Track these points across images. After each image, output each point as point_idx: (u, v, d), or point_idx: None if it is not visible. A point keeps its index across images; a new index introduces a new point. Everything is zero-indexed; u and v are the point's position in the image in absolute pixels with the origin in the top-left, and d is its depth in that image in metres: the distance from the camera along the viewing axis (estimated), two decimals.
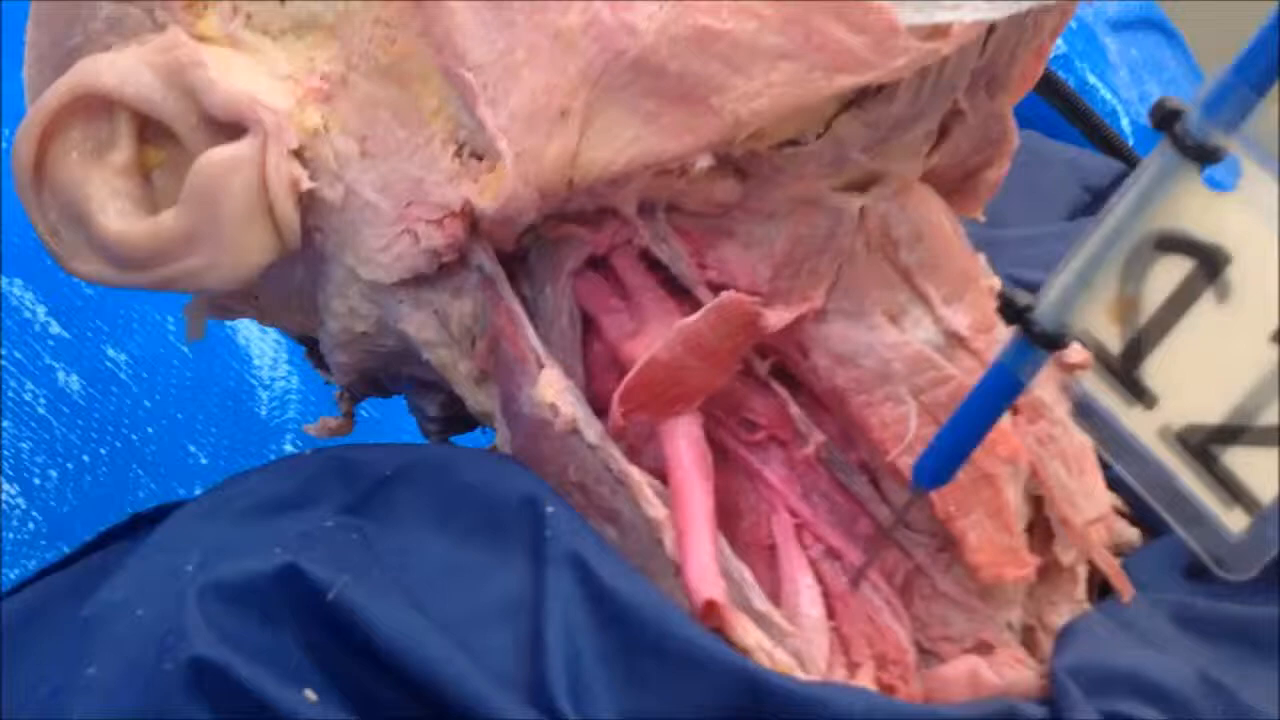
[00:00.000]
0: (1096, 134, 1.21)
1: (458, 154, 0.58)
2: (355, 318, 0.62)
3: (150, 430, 0.92)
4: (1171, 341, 0.50)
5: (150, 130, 0.60)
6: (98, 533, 0.65)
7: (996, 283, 0.61)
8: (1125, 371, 0.51)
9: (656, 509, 0.56)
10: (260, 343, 0.96)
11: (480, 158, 0.58)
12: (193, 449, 0.93)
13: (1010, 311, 0.52)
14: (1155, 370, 0.51)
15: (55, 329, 0.92)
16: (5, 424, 0.88)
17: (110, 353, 0.93)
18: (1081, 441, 0.61)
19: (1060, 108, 1.21)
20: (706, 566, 0.53)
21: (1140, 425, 0.51)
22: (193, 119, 0.59)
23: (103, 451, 0.90)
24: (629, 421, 0.57)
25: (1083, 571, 0.63)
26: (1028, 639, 0.62)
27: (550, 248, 0.61)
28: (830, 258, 0.59)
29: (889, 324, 0.59)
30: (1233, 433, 0.50)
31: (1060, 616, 0.62)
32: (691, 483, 0.56)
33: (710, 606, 0.53)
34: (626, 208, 0.58)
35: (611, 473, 0.57)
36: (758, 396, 0.61)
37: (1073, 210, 1.01)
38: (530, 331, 0.59)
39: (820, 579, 0.59)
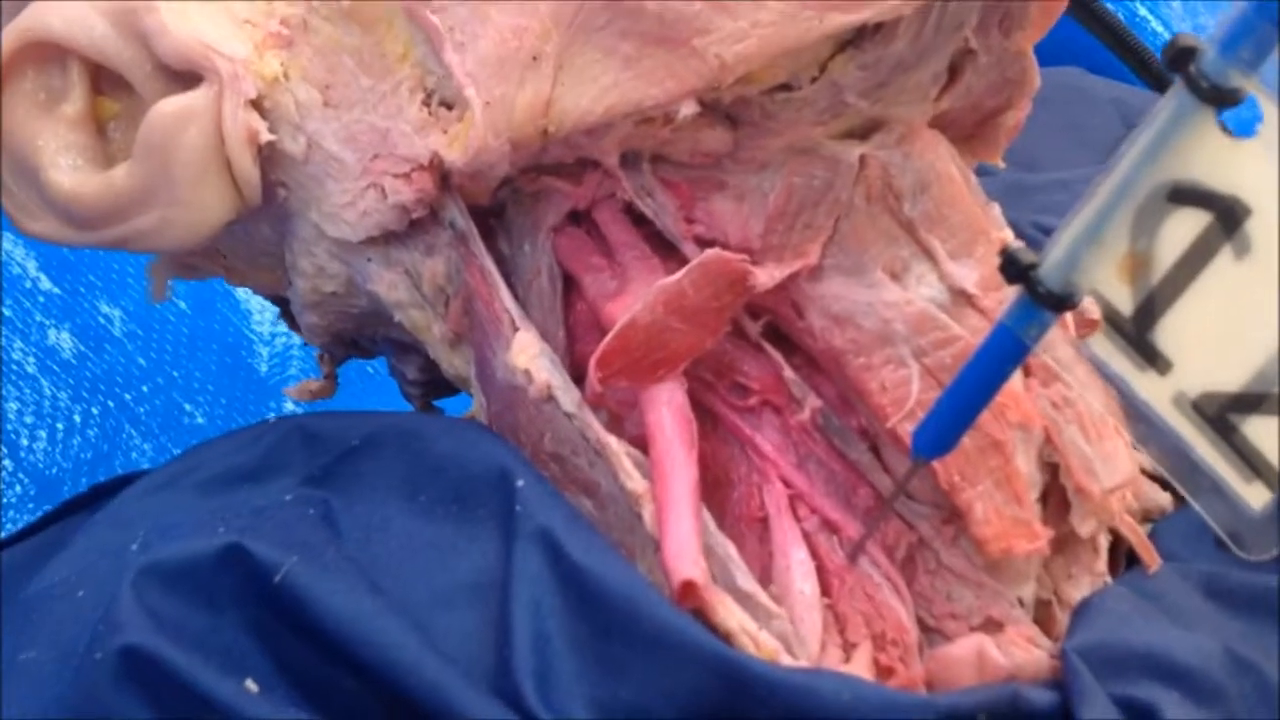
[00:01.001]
0: (1146, 70, 1.16)
1: (426, 102, 0.55)
2: (324, 277, 0.59)
3: (145, 389, 0.89)
4: (1186, 302, 0.47)
5: (105, 80, 0.58)
6: (59, 503, 0.63)
7: (1009, 235, 0.57)
8: (1137, 334, 0.47)
9: (635, 481, 0.53)
10: (260, 296, 0.93)
11: (450, 106, 0.55)
12: (189, 408, 0.90)
13: (1013, 269, 0.48)
14: (1169, 333, 0.47)
15: (46, 284, 0.90)
16: None
17: (104, 308, 0.90)
18: (1102, 404, 0.58)
19: (1107, 41, 1.17)
20: (686, 544, 0.50)
21: (1153, 392, 0.48)
22: (146, 67, 0.56)
23: (94, 411, 0.88)
24: (607, 388, 0.54)
25: (1104, 542, 0.59)
26: (1043, 614, 0.58)
27: (529, 202, 0.58)
28: (827, 210, 0.55)
29: (890, 281, 0.55)
30: (1253, 401, 0.46)
31: (1079, 590, 0.58)
32: (673, 453, 0.52)
33: (688, 587, 0.50)
34: (608, 159, 0.55)
35: (588, 442, 0.54)
36: (750, 359, 0.57)
37: None
38: (504, 292, 0.55)
39: (815, 553, 0.56)
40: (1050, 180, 0.82)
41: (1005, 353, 0.50)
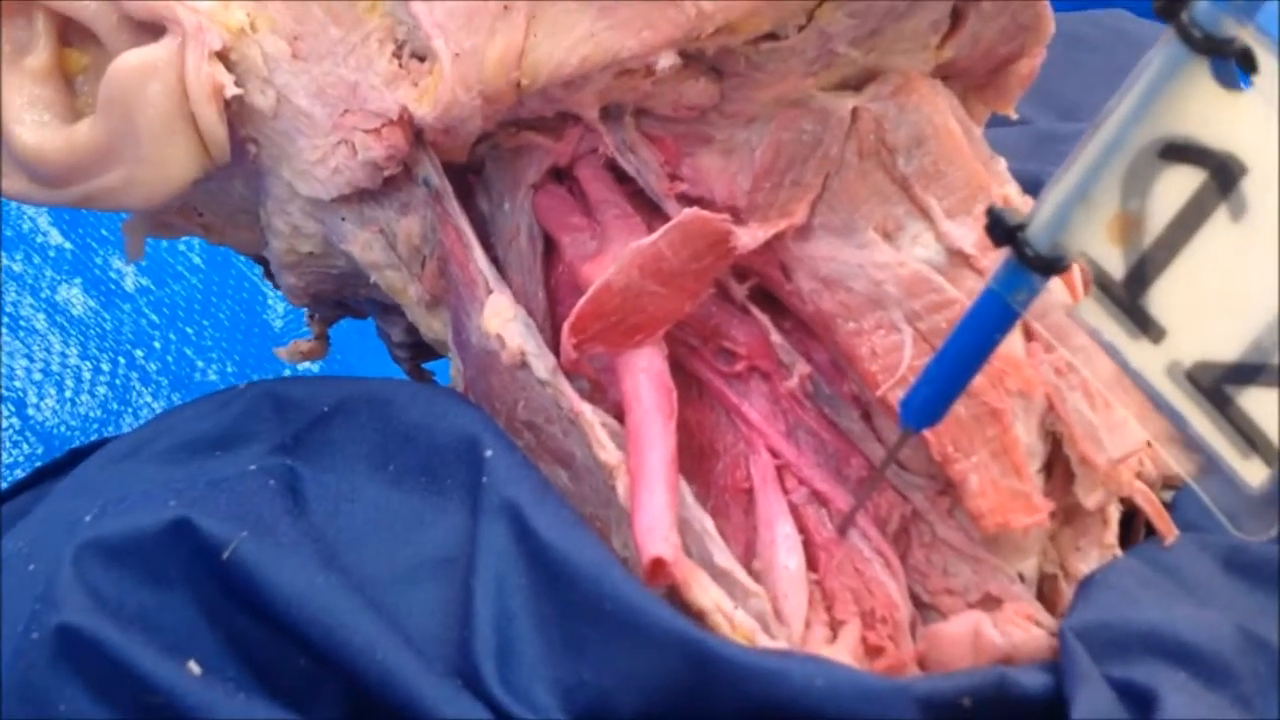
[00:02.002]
0: None
1: (396, 54, 0.53)
2: (299, 237, 0.57)
3: (156, 345, 0.88)
4: (1180, 266, 0.44)
5: (73, 32, 0.56)
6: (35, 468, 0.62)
7: (1013, 192, 0.55)
8: (1129, 299, 0.45)
9: (609, 452, 0.51)
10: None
11: (422, 59, 0.53)
12: (201, 365, 0.89)
13: (999, 230, 0.46)
14: (1162, 298, 0.44)
15: (56, 238, 0.88)
16: (1, 340, 0.85)
17: (115, 263, 0.89)
18: (1110, 369, 0.55)
19: None
20: (658, 519, 0.48)
21: (1146, 361, 0.45)
22: (112, 18, 0.54)
23: (105, 368, 0.86)
24: (582, 354, 0.52)
25: (1115, 512, 0.57)
26: (1049, 589, 0.56)
27: (508, 158, 0.56)
28: (816, 166, 0.53)
29: (882, 241, 0.53)
30: (1250, 371, 0.44)
31: (1087, 564, 0.56)
32: (649, 423, 0.50)
33: (657, 565, 0.48)
34: (587, 112, 0.53)
35: (562, 411, 0.52)
36: (737, 323, 0.55)
37: None
38: (479, 253, 0.54)
39: (803, 527, 0.54)
40: (1083, 130, 0.79)
41: (994, 319, 0.47)
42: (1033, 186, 0.55)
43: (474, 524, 0.49)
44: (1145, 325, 0.45)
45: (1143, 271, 0.44)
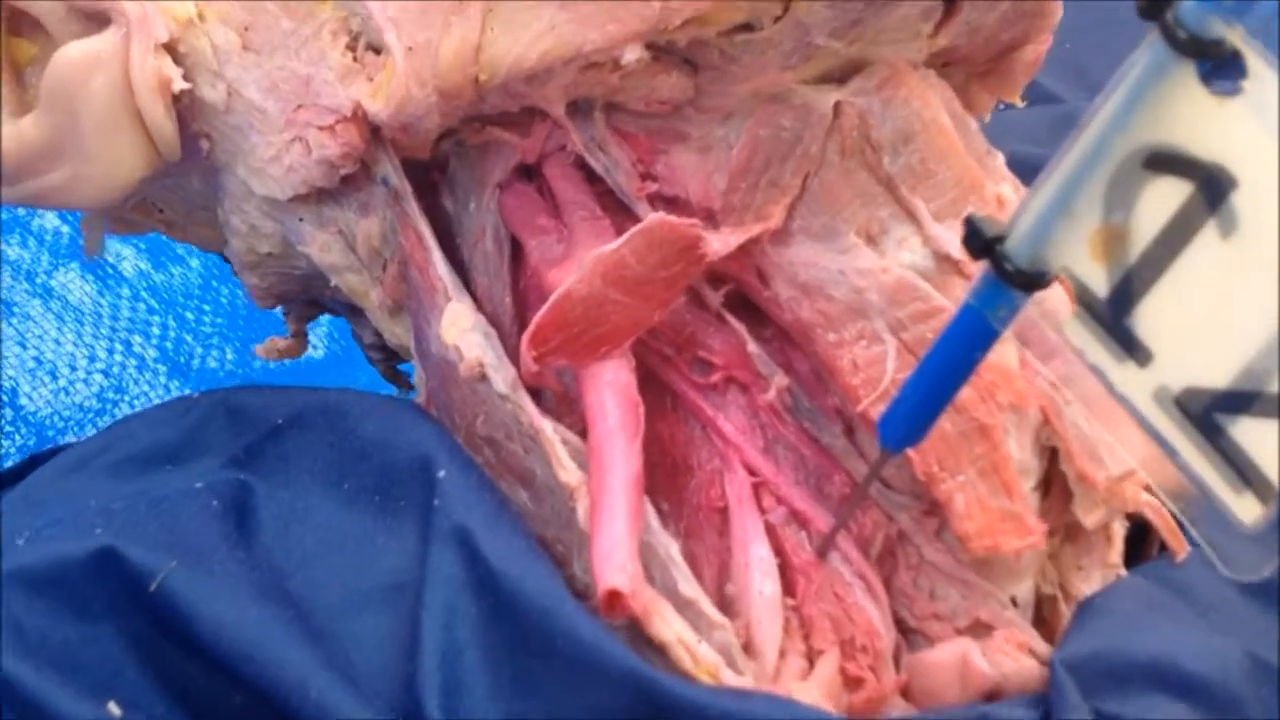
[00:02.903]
0: None
1: (351, 46, 0.50)
2: (258, 237, 0.55)
3: (154, 331, 0.86)
4: (1167, 284, 0.41)
5: (22, 22, 0.53)
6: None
7: (1007, 191, 0.51)
8: (1113, 319, 0.42)
9: (570, 473, 0.48)
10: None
11: (378, 51, 0.50)
12: (200, 351, 0.87)
13: (976, 242, 0.43)
14: (1149, 319, 0.41)
15: (53, 221, 0.86)
16: None
17: (114, 246, 0.87)
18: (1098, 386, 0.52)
19: None
20: (616, 546, 0.46)
21: (1132, 386, 0.42)
22: (60, 9, 0.52)
23: (100, 356, 0.84)
24: (543, 366, 0.49)
25: (1120, 529, 0.54)
26: (1049, 611, 0.53)
27: (474, 155, 0.53)
28: (796, 165, 0.50)
29: (865, 246, 0.50)
30: (1242, 399, 0.41)
31: (1089, 584, 0.53)
32: (612, 442, 0.48)
33: (613, 597, 0.45)
34: (553, 108, 0.50)
35: (523, 427, 0.49)
36: (713, 331, 0.53)
37: None
38: (438, 257, 0.51)
39: (780, 549, 0.51)
40: None
41: (973, 336, 0.44)
42: None
43: (425, 549, 0.47)
44: (1131, 347, 0.42)
45: (1128, 290, 0.41)
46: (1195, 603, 0.53)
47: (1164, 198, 0.40)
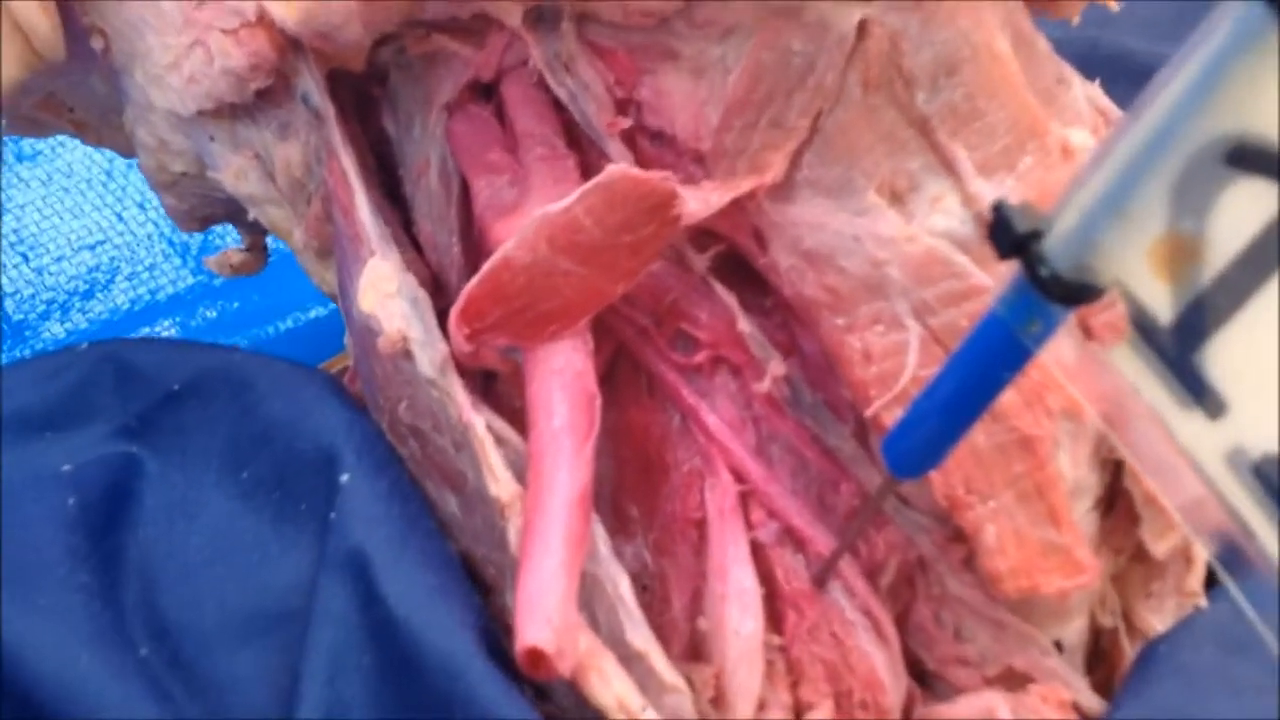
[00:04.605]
0: None
1: None
2: (168, 154, 0.46)
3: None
4: (1251, 317, 0.32)
5: None
6: None
7: (1079, 137, 0.41)
8: (1178, 354, 0.32)
9: (503, 484, 0.39)
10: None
11: None
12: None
13: (1004, 238, 0.33)
14: (1225, 360, 0.32)
15: None
16: None
17: None
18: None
19: None
20: (545, 590, 0.37)
21: (1200, 440, 0.33)
22: None
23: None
24: (478, 346, 0.40)
25: (1203, 550, 0.44)
26: (1108, 643, 0.44)
27: (419, 68, 0.44)
28: (805, 101, 0.40)
29: (888, 206, 0.40)
30: None
31: (1160, 617, 0.44)
32: (555, 448, 0.39)
33: (534, 657, 0.36)
34: (509, 17, 0.41)
35: (451, 420, 0.40)
36: (701, 299, 0.43)
37: None
38: (363, 199, 0.42)
39: (768, 574, 0.42)
40: None
41: (1000, 354, 0.35)
42: None
43: (316, 574, 0.38)
44: (1199, 393, 0.32)
45: (1199, 319, 0.32)
46: None
47: (1251, 204, 0.30)
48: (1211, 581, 0.45)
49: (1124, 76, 0.44)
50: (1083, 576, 0.41)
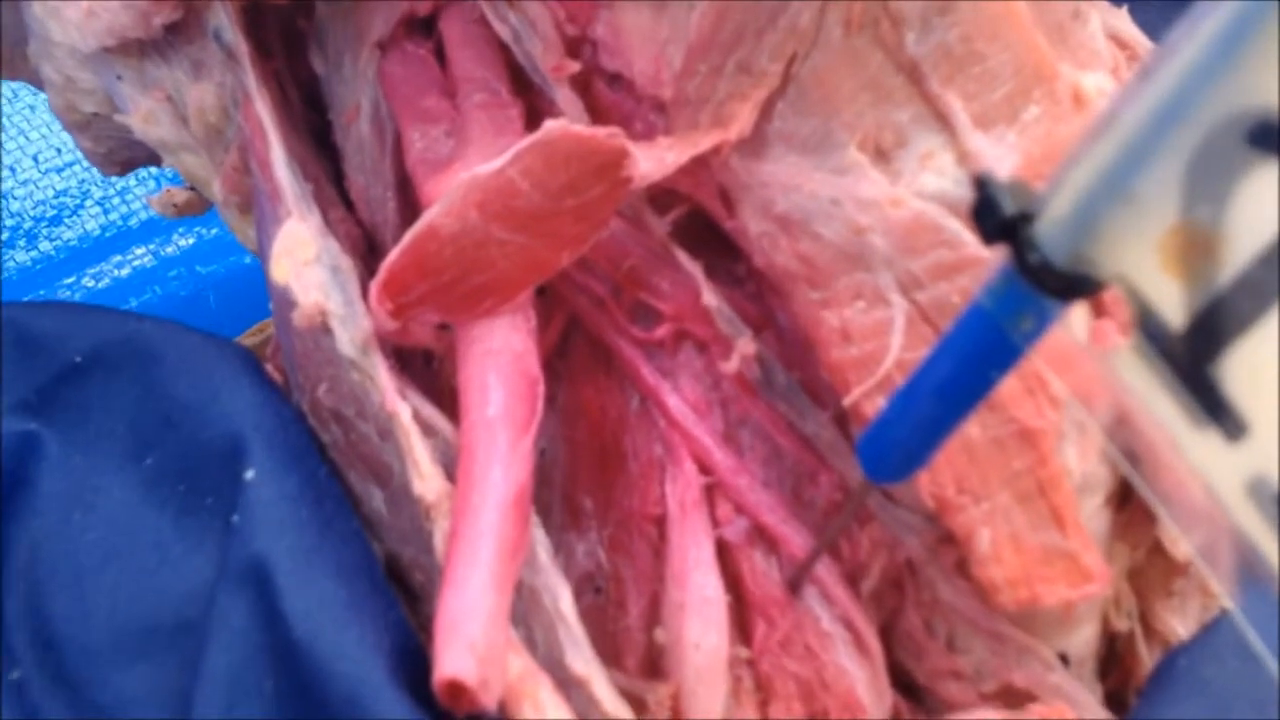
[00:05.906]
0: None
1: None
2: (77, 92, 0.42)
3: None
4: (1277, 325, 0.26)
5: None
6: None
7: (1094, 82, 0.36)
8: (1191, 363, 0.28)
9: (428, 482, 0.35)
10: None
11: None
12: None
13: (989, 220, 0.28)
14: (1245, 373, 0.27)
15: None
16: None
17: None
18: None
19: None
20: (468, 611, 0.32)
21: (1215, 464, 0.28)
22: None
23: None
24: (403, 321, 0.35)
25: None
26: (1123, 649, 0.39)
27: (348, 0, 0.39)
28: (777, 43, 0.35)
29: (871, 164, 0.35)
30: None
31: (1182, 620, 0.40)
32: (489, 441, 0.34)
33: (453, 690, 0.32)
34: None
35: (374, 407, 0.36)
36: (664, 266, 0.38)
37: None
38: (279, 153, 0.37)
39: (736, 578, 0.38)
40: None
41: (986, 350, 0.30)
42: None
43: (215, 584, 0.34)
44: (1215, 410, 0.28)
45: (1215, 324, 0.27)
46: None
47: (1277, 191, 0.25)
48: None
49: None
50: (1090, 586, 0.36)
